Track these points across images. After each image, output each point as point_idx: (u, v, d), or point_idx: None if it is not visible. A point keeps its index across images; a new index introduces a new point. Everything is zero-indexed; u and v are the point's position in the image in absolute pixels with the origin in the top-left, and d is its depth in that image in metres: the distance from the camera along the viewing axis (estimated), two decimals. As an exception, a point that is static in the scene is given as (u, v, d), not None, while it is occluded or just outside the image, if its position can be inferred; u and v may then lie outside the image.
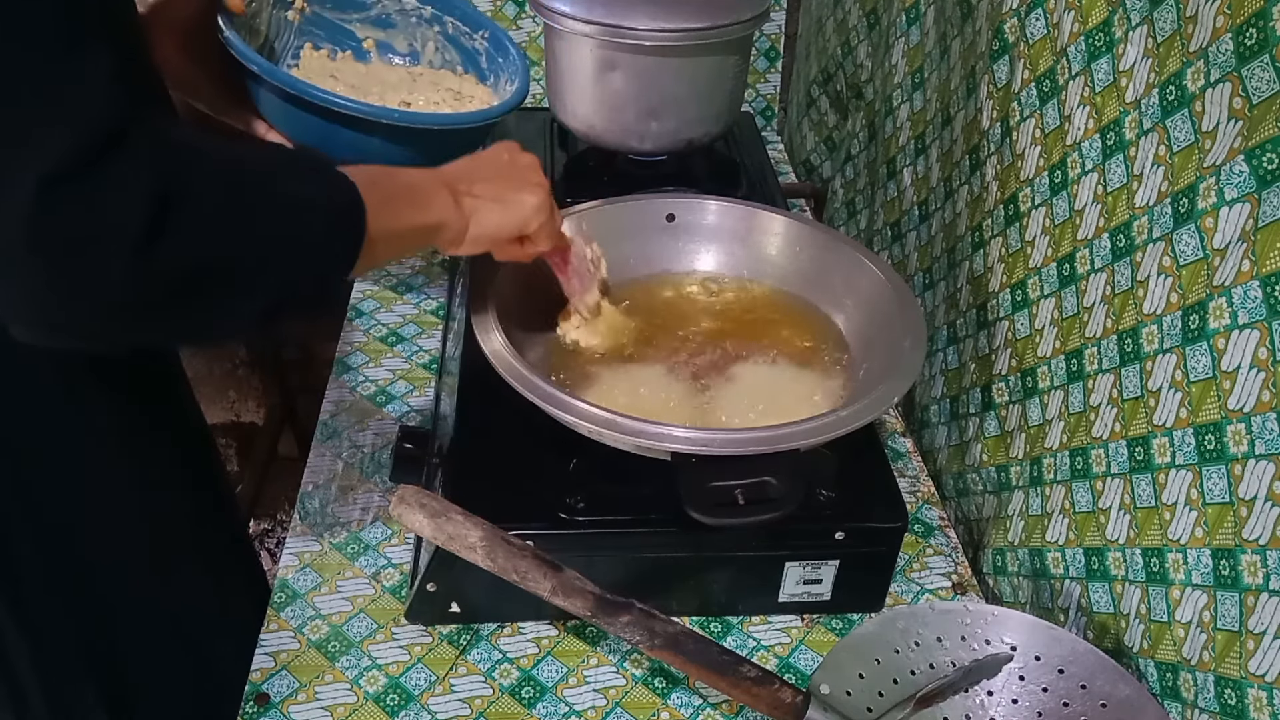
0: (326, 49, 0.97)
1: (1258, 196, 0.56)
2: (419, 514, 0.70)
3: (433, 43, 0.99)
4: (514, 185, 0.75)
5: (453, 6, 0.98)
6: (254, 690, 0.75)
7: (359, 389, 1.03)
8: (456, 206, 0.71)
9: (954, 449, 0.96)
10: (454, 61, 0.99)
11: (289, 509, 1.96)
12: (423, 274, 1.19)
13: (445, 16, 0.98)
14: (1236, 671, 0.58)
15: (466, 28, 0.98)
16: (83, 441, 0.75)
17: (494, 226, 0.74)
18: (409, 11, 0.98)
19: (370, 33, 0.99)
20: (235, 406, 1.98)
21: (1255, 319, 0.56)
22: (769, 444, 0.70)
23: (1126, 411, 0.68)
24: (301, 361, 1.90)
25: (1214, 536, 0.60)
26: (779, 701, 0.67)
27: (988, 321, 0.88)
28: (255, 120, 0.86)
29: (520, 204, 0.75)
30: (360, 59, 0.98)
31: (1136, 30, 0.67)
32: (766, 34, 1.44)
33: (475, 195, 0.72)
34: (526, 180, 0.76)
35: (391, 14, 0.98)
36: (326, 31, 0.97)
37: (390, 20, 0.99)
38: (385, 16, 0.98)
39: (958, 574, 0.87)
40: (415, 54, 1.00)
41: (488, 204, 0.73)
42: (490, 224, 0.73)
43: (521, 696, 0.75)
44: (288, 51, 0.94)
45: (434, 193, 0.70)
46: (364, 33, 0.98)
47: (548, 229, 0.78)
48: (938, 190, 1.00)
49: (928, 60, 1.02)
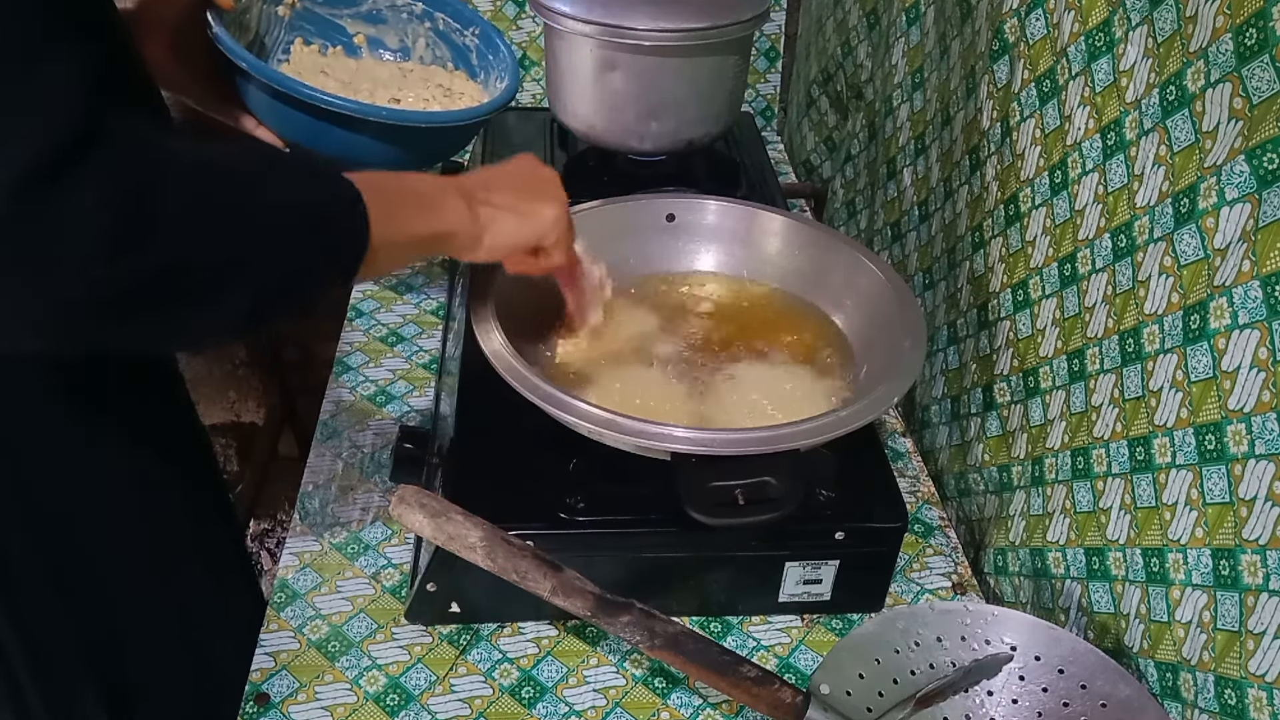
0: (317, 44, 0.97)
1: (1258, 196, 0.56)
2: (419, 514, 0.70)
3: (423, 39, 0.99)
4: (533, 197, 0.75)
5: (444, 3, 0.98)
6: (254, 690, 0.75)
7: (359, 389, 1.03)
8: (471, 215, 0.71)
9: (955, 449, 0.96)
10: (444, 57, 0.99)
11: (289, 509, 1.96)
12: (423, 274, 1.19)
13: (436, 13, 0.98)
14: (1236, 671, 0.58)
15: (457, 24, 0.98)
16: (81, 442, 0.75)
17: (510, 237, 0.73)
18: (400, 7, 0.98)
19: (361, 28, 0.99)
20: (235, 406, 1.98)
21: (1256, 319, 0.56)
22: (769, 444, 0.70)
23: (1128, 411, 0.68)
24: (301, 361, 1.90)
25: (1214, 536, 0.60)
26: (779, 701, 0.67)
27: (989, 321, 0.88)
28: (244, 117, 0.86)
29: (538, 216, 0.74)
30: (351, 54, 0.98)
31: (1136, 30, 0.67)
32: (766, 34, 1.44)
33: (493, 205, 0.72)
34: (546, 193, 0.76)
35: (382, 10, 0.98)
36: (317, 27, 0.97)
37: (381, 16, 0.99)
38: (376, 12, 0.98)
39: (958, 574, 0.87)
40: (406, 50, 1.00)
41: (505, 214, 0.73)
42: (506, 234, 0.73)
43: (521, 696, 0.75)
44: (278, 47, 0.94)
45: (446, 200, 0.70)
46: (355, 28, 0.98)
47: (563, 243, 0.77)
48: (938, 190, 1.00)
49: (928, 60, 1.02)
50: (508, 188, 0.74)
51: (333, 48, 0.97)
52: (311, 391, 1.20)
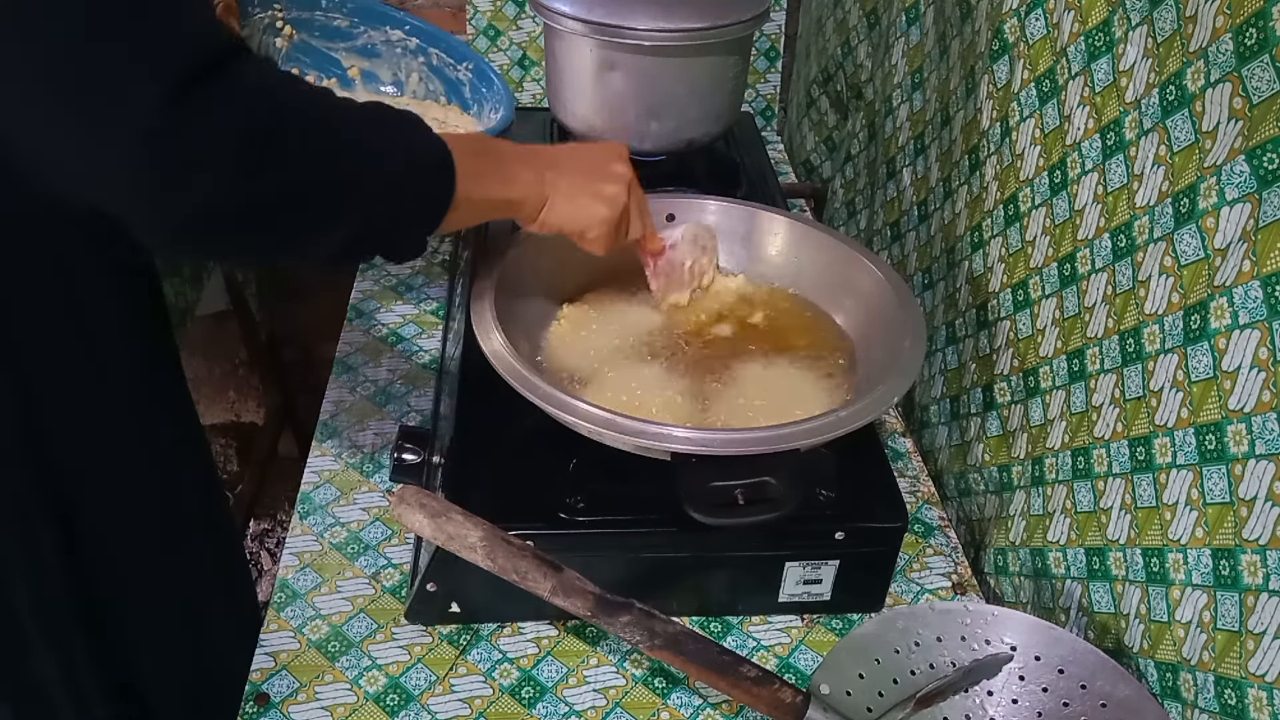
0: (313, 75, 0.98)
1: (1258, 196, 0.56)
2: (419, 514, 0.70)
3: (417, 73, 1.00)
4: (593, 188, 0.79)
5: (437, 39, 0.99)
6: (254, 690, 0.75)
7: (359, 389, 1.03)
8: (539, 188, 0.75)
9: (955, 449, 0.96)
10: (438, 91, 1.00)
11: (289, 509, 1.95)
12: (423, 274, 1.19)
13: (430, 48, 0.99)
14: (1236, 671, 0.58)
15: (451, 59, 0.99)
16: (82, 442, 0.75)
17: (560, 220, 0.77)
18: (394, 43, 0.99)
19: (355, 61, 1.00)
20: (235, 406, 1.98)
21: (1256, 319, 0.56)
22: (769, 444, 0.70)
23: (1128, 411, 0.68)
24: (301, 361, 1.90)
25: (1214, 536, 0.60)
26: (779, 701, 0.67)
27: (988, 321, 0.88)
28: None
29: (590, 210, 0.78)
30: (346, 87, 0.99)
31: (1136, 30, 0.67)
32: (766, 34, 1.44)
33: (557, 187, 0.76)
34: (604, 189, 0.79)
35: (377, 44, 1.00)
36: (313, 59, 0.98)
37: (375, 50, 1.00)
38: (371, 46, 1.00)
39: (958, 574, 0.87)
40: (400, 83, 1.01)
41: (563, 197, 0.77)
42: (557, 216, 0.77)
43: (521, 696, 0.75)
44: None
45: (521, 170, 0.74)
46: (349, 61, 1.00)
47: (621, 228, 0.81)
48: (937, 190, 1.00)
49: (927, 60, 1.02)
50: (577, 171, 0.78)
51: (327, 80, 0.98)
52: (311, 391, 1.20)
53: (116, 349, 0.75)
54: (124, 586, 0.81)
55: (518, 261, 0.88)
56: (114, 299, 0.74)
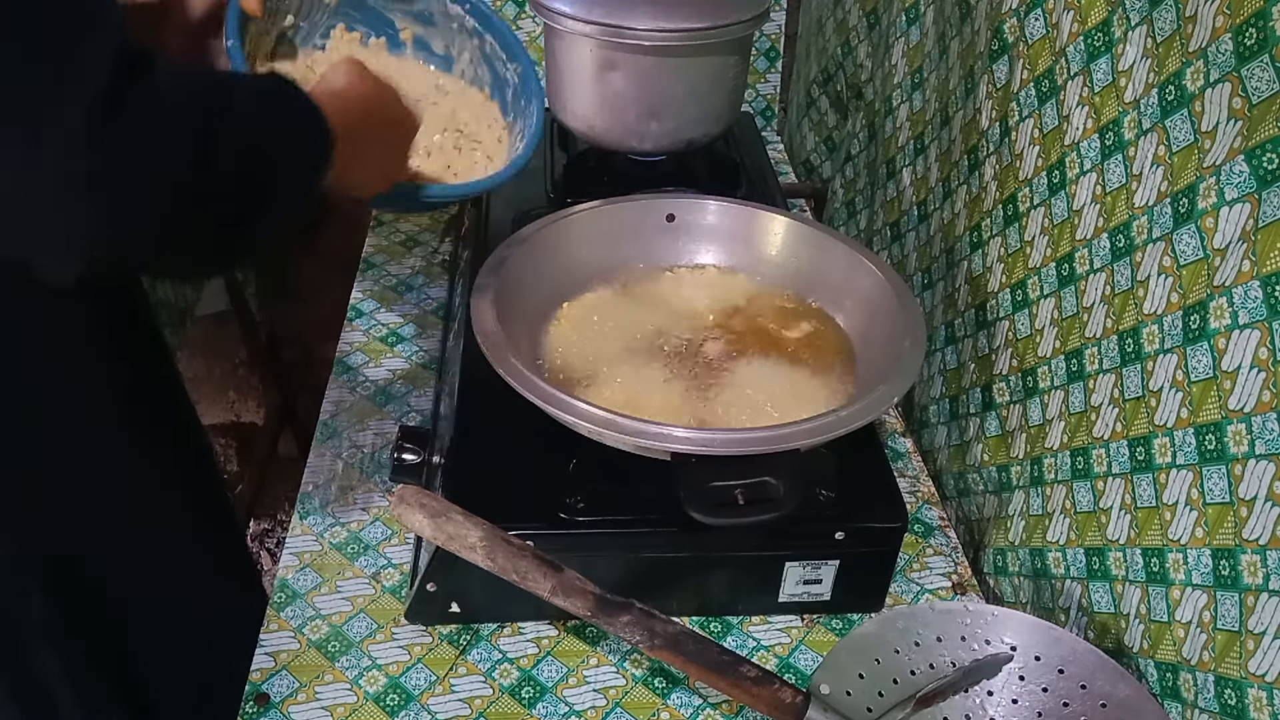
0: (360, 32, 0.94)
1: (1258, 196, 0.56)
2: (419, 514, 0.70)
3: (469, 54, 0.97)
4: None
5: (494, 28, 0.96)
6: (254, 690, 0.75)
7: (359, 389, 1.03)
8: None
9: (954, 449, 0.96)
10: (484, 80, 0.98)
11: (289, 509, 1.95)
12: (423, 274, 1.19)
13: (486, 34, 0.96)
14: (1236, 671, 0.58)
15: (503, 54, 0.96)
16: (82, 443, 0.75)
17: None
18: (452, 16, 0.96)
19: (410, 25, 0.96)
20: (235, 406, 1.98)
21: (1256, 319, 0.56)
22: (769, 444, 0.70)
23: (1127, 411, 0.68)
24: (301, 361, 1.90)
25: (1214, 536, 0.60)
26: (779, 701, 0.67)
27: (987, 321, 0.88)
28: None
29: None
30: (394, 49, 0.96)
31: (1136, 30, 0.67)
32: (766, 34, 1.44)
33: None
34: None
35: (434, 13, 0.96)
36: (364, 15, 0.94)
37: (431, 18, 0.96)
38: (427, 13, 0.96)
39: (958, 574, 0.87)
40: (449, 59, 0.98)
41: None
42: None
43: (521, 696, 0.75)
44: (317, 30, 0.92)
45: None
46: (403, 23, 0.95)
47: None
48: (936, 190, 1.00)
49: (927, 60, 1.02)
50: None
51: (376, 39, 0.95)
52: (311, 391, 1.20)
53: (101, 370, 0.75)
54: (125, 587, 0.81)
55: (518, 261, 0.88)
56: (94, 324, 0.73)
